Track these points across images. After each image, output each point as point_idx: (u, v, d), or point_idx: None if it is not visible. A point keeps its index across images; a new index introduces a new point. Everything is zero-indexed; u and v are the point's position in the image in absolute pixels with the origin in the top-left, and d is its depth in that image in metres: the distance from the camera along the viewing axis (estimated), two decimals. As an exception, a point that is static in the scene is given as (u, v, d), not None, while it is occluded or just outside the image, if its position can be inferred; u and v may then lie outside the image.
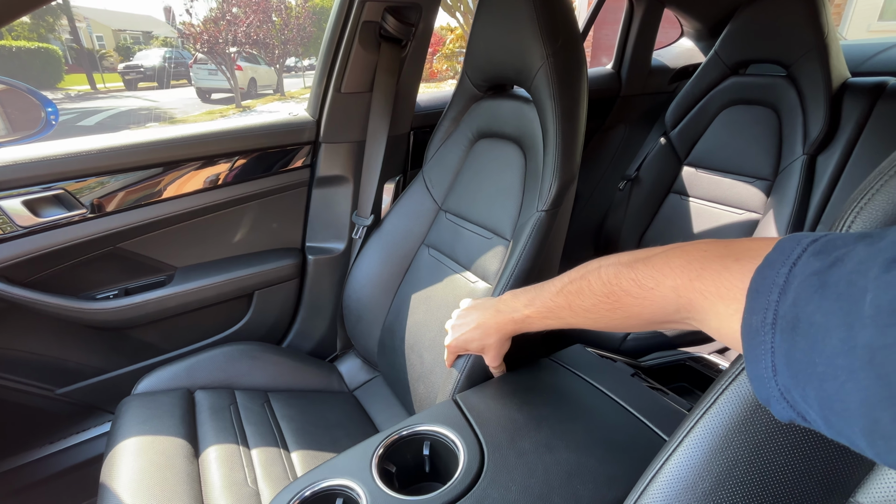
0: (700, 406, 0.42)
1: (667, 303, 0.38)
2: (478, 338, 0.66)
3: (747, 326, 0.28)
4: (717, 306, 0.33)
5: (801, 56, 1.20)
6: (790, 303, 0.25)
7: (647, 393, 0.69)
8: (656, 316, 0.40)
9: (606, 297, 0.44)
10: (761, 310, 0.27)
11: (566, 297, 0.49)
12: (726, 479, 0.39)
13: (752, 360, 0.28)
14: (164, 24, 16.04)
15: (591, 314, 0.46)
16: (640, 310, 0.41)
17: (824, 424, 0.24)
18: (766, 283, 0.27)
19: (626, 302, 0.42)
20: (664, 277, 0.38)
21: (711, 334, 0.36)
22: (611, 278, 0.43)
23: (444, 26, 10.78)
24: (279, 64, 11.33)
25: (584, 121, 0.83)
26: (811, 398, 0.24)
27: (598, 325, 0.48)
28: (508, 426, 0.61)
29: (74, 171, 0.92)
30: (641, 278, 0.40)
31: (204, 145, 1.03)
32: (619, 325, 0.45)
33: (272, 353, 1.10)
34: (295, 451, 0.86)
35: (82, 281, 1.00)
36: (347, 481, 0.56)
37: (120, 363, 1.08)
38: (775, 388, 0.26)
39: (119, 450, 0.79)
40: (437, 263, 1.00)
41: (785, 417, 0.27)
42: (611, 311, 0.44)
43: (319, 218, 1.22)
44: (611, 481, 0.55)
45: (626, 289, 0.41)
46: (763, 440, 0.38)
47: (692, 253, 0.36)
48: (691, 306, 0.36)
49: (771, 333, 0.26)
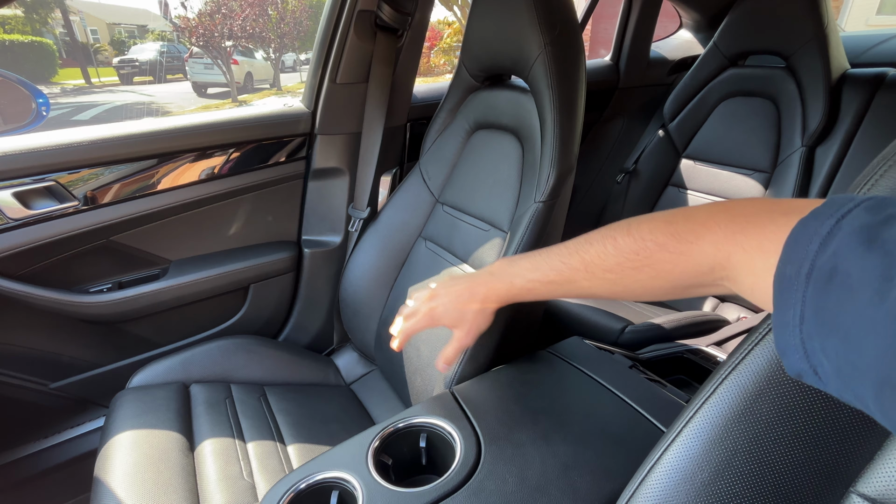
0: (699, 396, 0.42)
1: (703, 259, 0.37)
2: (459, 307, 0.56)
3: (780, 276, 0.28)
4: (756, 260, 0.32)
5: (801, 47, 1.19)
6: (830, 253, 0.25)
7: (645, 385, 0.68)
8: (687, 275, 0.39)
9: (635, 255, 0.41)
10: (797, 260, 0.27)
11: (582, 259, 0.45)
12: (725, 469, 0.39)
13: (781, 308, 0.27)
14: (159, 17, 15.91)
15: (613, 274, 0.43)
16: (672, 267, 0.39)
17: (835, 377, 0.24)
18: (808, 232, 0.27)
19: (658, 258, 0.39)
20: (706, 231, 0.36)
21: (744, 294, 0.35)
22: (644, 234, 0.41)
23: (441, 20, 10.72)
24: (275, 58, 11.25)
25: (582, 111, 0.82)
26: (830, 350, 0.24)
27: (615, 288, 0.44)
28: (505, 418, 0.61)
29: (66, 162, 0.91)
30: (681, 232, 0.38)
31: (198, 137, 1.02)
32: (641, 287, 0.42)
33: (268, 346, 1.09)
34: (291, 444, 0.86)
35: (75, 274, 0.99)
36: (343, 474, 0.55)
37: (114, 357, 1.07)
38: (797, 337, 0.26)
39: (113, 444, 0.78)
40: (434, 256, 0.99)
41: (794, 370, 0.27)
42: (637, 269, 0.41)
43: (315, 210, 1.21)
44: (608, 473, 0.54)
45: (662, 243, 0.39)
46: (763, 430, 0.38)
47: (737, 208, 0.35)
48: (728, 263, 0.34)
49: (805, 284, 0.26)
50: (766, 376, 0.38)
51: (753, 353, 0.39)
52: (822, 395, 0.36)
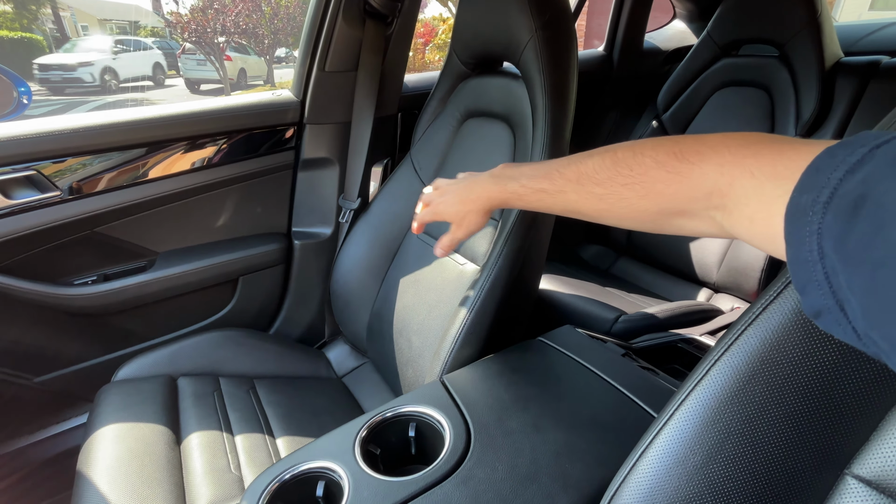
0: (691, 380, 0.41)
1: (701, 182, 0.34)
2: (460, 202, 0.58)
3: (793, 206, 0.26)
4: (765, 186, 0.30)
5: (794, 35, 1.19)
6: (858, 180, 0.23)
7: (638, 372, 0.67)
8: (678, 199, 0.36)
9: (629, 170, 0.39)
10: (816, 188, 0.25)
11: (577, 170, 0.44)
12: (718, 452, 0.38)
13: (795, 244, 0.26)
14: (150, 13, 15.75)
15: (601, 189, 0.41)
16: (665, 188, 0.37)
17: (862, 315, 0.23)
18: (834, 161, 0.25)
19: (653, 176, 0.37)
20: (713, 153, 0.34)
21: (734, 228, 0.33)
22: (646, 149, 0.38)
23: (436, 16, 10.67)
24: (269, 54, 11.17)
25: (573, 97, 0.81)
26: (857, 285, 0.22)
27: (600, 205, 0.42)
28: (496, 406, 0.60)
29: (48, 151, 0.88)
30: (686, 151, 0.36)
31: (184, 125, 1.00)
32: (625, 208, 0.40)
33: (258, 339, 1.07)
34: (280, 437, 0.84)
35: (59, 266, 0.97)
36: (329, 463, 0.54)
37: (100, 351, 1.05)
38: (820, 272, 0.24)
39: (97, 437, 0.76)
40: (425, 247, 0.98)
41: (815, 307, 0.26)
42: (627, 186, 0.39)
43: (305, 202, 1.19)
44: (600, 460, 0.53)
45: (662, 161, 0.37)
46: (756, 412, 0.37)
47: (754, 136, 0.33)
48: (730, 189, 0.32)
49: (821, 213, 0.24)
50: (758, 357, 0.37)
51: (746, 335, 0.38)
52: (816, 375, 0.35)
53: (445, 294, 0.87)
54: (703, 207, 0.35)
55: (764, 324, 0.37)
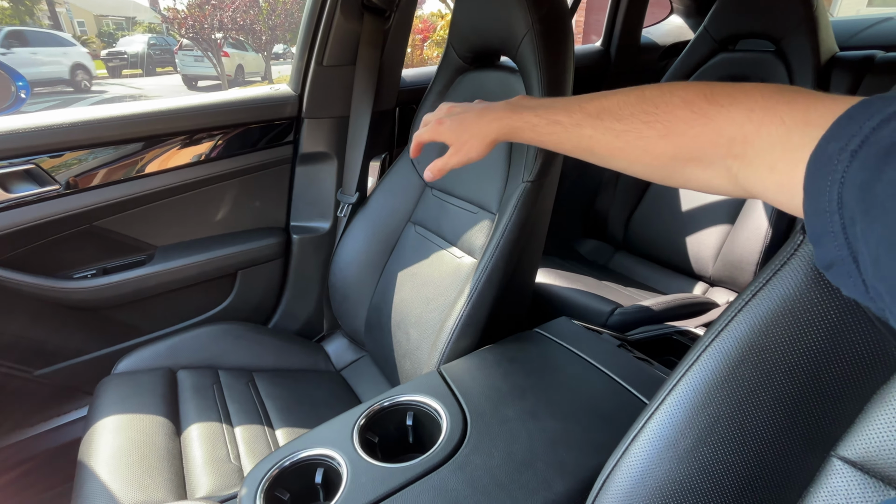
0: (682, 365, 0.41)
1: (727, 126, 0.33)
2: (462, 127, 0.53)
3: (819, 154, 0.26)
4: (793, 134, 0.29)
5: (790, 30, 1.19)
6: (893, 128, 0.22)
7: (634, 362, 0.68)
8: (699, 143, 0.35)
9: (655, 107, 0.38)
10: (846, 136, 0.24)
11: (600, 104, 0.42)
12: (708, 435, 0.38)
13: (814, 193, 0.25)
14: (147, 8, 15.68)
15: (621, 125, 0.40)
16: (688, 128, 0.35)
17: (872, 266, 0.23)
18: (870, 110, 0.24)
19: (678, 115, 0.36)
20: (745, 98, 0.33)
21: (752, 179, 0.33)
22: (677, 89, 0.37)
23: (434, 13, 10.63)
24: (267, 51, 11.14)
25: (570, 91, 0.81)
26: (873, 235, 0.22)
27: (615, 143, 0.41)
28: (492, 395, 0.61)
29: (46, 144, 0.89)
30: (717, 94, 0.35)
31: (183, 119, 1.00)
32: (641, 148, 0.39)
33: (257, 332, 1.08)
34: (280, 428, 0.85)
35: (58, 260, 0.98)
36: (328, 451, 0.55)
37: (100, 344, 1.06)
38: (837, 223, 0.24)
39: (97, 428, 0.77)
40: (423, 240, 0.98)
41: (828, 258, 0.26)
42: (649, 124, 0.38)
43: (303, 196, 1.19)
44: (595, 447, 0.54)
45: (691, 100, 0.36)
46: (745, 396, 0.38)
47: (790, 87, 0.33)
48: (756, 135, 0.32)
49: (847, 161, 0.23)
50: (748, 342, 0.38)
51: (736, 321, 0.39)
52: (805, 359, 0.35)
53: (443, 287, 0.88)
54: (721, 155, 0.34)
55: (753, 310, 0.38)
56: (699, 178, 0.37)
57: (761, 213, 1.16)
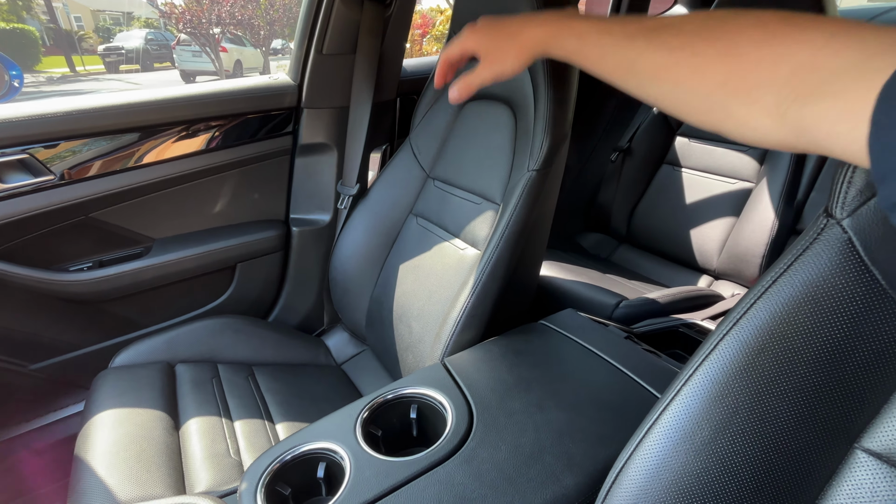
0: (698, 355, 0.40)
1: (800, 52, 0.30)
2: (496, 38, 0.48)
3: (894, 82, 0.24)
4: (873, 60, 0.27)
5: (797, 19, 1.17)
6: None
7: (641, 354, 0.67)
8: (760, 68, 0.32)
9: (722, 25, 0.34)
10: None
11: (660, 21, 0.38)
12: (726, 427, 0.37)
13: (885, 126, 0.24)
14: (144, 3, 15.58)
15: (677, 41, 0.36)
16: (752, 50, 0.32)
17: None
18: None
19: (746, 35, 0.32)
20: (826, 22, 0.30)
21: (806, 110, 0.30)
22: (740, 16, 0.34)
23: (433, 8, 10.59)
24: (265, 45, 11.08)
25: (576, 78, 0.79)
26: None
27: (665, 60, 0.37)
28: (498, 387, 0.59)
29: (41, 134, 0.87)
30: (798, 17, 0.32)
31: (180, 109, 0.98)
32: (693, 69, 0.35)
33: (256, 326, 1.07)
34: (280, 422, 0.84)
35: (54, 252, 0.96)
36: (330, 444, 0.53)
37: (97, 338, 1.04)
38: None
39: (94, 422, 0.76)
40: (425, 232, 0.97)
41: (891, 200, 0.24)
42: (710, 42, 0.34)
43: (303, 188, 1.18)
44: (603, 439, 0.53)
45: (766, 21, 0.32)
46: (765, 386, 0.36)
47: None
48: (832, 59, 0.29)
49: None
50: (768, 331, 0.36)
51: (756, 307, 0.37)
52: (827, 348, 0.34)
53: (446, 279, 0.86)
54: (778, 87, 0.31)
55: (773, 296, 0.36)
56: (738, 115, 0.34)
57: (767, 206, 1.15)
